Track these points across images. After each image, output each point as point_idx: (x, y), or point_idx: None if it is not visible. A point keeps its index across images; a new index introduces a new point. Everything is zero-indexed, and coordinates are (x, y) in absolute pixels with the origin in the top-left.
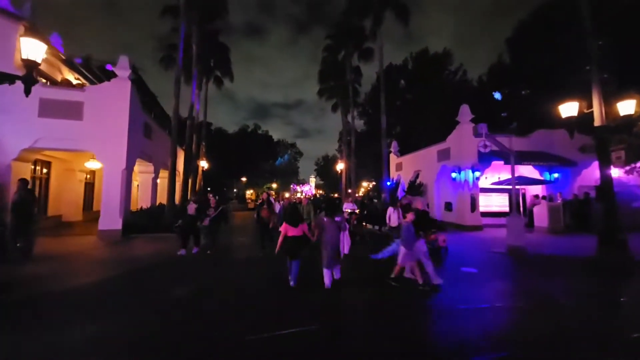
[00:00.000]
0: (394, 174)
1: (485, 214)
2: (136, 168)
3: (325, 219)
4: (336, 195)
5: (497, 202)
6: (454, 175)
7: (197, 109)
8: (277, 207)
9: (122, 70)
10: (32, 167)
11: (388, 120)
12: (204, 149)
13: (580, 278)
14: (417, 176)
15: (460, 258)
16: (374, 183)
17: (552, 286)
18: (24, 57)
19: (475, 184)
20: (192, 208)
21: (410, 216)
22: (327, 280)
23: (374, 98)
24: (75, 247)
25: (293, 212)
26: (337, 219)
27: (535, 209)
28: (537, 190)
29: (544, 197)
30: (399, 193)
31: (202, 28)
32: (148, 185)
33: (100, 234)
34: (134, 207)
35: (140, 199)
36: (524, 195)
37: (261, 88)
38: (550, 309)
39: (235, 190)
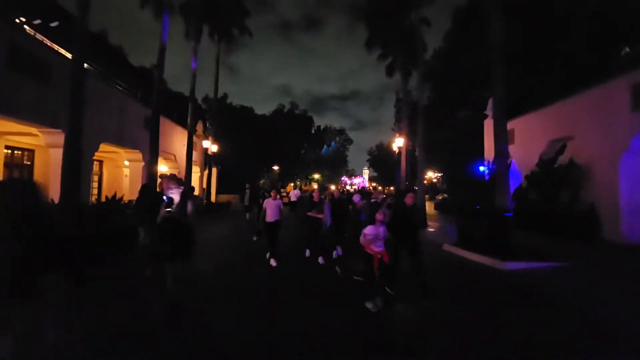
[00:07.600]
0: (491, 151)
1: None
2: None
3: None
4: (392, 188)
5: None
6: None
7: (194, 67)
8: None
9: None
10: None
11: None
12: (206, 126)
13: None
14: (561, 150)
15: None
16: (441, 174)
17: None
18: None
19: None
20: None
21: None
22: None
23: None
24: None
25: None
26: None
27: None
28: None
29: None
30: (511, 182)
31: None
32: (57, 165)
33: None
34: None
35: (53, 186)
36: None
37: (318, 81)
38: None
39: (263, 181)
